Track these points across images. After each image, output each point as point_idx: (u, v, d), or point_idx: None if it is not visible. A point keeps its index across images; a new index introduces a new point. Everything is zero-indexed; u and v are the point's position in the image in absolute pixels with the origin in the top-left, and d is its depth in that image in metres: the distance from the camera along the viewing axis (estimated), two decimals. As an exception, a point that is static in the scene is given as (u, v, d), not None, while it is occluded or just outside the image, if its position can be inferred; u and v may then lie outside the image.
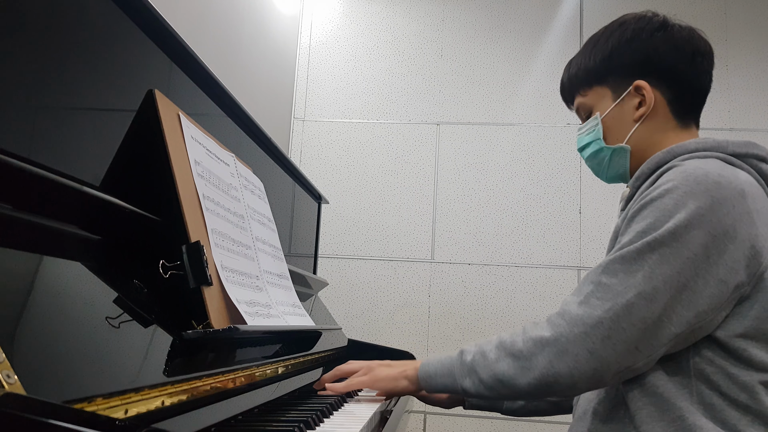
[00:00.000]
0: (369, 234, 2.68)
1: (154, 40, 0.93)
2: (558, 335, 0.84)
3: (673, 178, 0.85)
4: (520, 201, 2.65)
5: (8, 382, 0.44)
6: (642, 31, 0.99)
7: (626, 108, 1.00)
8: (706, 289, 0.81)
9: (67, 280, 0.64)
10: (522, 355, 0.87)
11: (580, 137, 1.08)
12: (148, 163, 0.87)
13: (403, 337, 2.58)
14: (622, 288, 0.82)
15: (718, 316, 0.83)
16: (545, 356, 0.85)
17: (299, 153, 2.75)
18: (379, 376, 1.04)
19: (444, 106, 2.74)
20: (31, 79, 0.69)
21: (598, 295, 0.84)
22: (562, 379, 0.84)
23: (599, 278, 0.85)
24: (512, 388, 0.88)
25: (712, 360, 0.83)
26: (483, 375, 0.91)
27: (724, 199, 0.82)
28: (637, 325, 0.81)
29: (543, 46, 2.72)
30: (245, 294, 0.94)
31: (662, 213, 0.83)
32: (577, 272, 2.58)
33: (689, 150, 0.92)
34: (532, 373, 0.86)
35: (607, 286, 0.83)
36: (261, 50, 2.33)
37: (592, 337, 0.82)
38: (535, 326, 0.89)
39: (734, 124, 2.63)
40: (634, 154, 1.01)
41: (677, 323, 0.81)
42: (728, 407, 0.82)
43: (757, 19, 2.70)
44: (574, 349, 0.83)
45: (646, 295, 0.81)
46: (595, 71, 1.02)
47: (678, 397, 0.83)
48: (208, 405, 0.74)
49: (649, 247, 0.82)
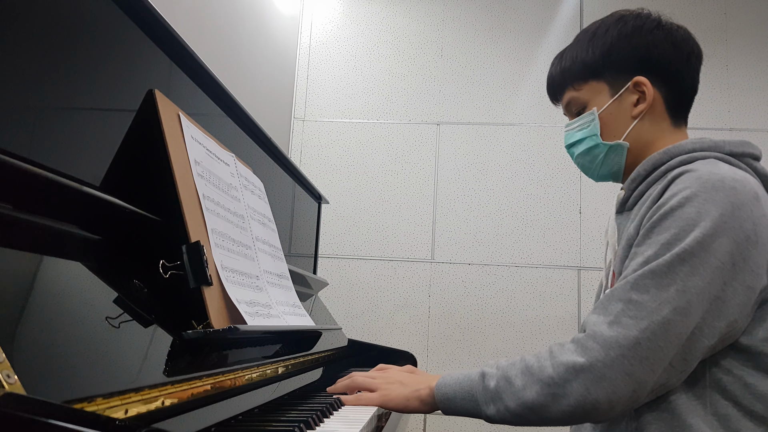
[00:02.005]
0: (369, 234, 2.68)
1: (154, 40, 0.93)
2: (593, 360, 0.80)
3: (690, 185, 0.83)
4: (520, 201, 2.65)
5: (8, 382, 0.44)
6: (642, 27, 0.98)
7: (624, 104, 0.99)
8: (735, 297, 0.79)
9: (67, 280, 0.64)
10: (553, 381, 0.82)
11: (571, 133, 1.05)
12: (148, 163, 0.86)
13: (403, 337, 2.58)
14: (656, 305, 0.79)
15: (744, 323, 0.81)
16: (581, 383, 0.80)
17: (299, 153, 2.75)
18: (390, 396, 0.98)
19: (444, 106, 2.74)
20: (32, 79, 0.69)
21: (630, 314, 0.80)
22: (600, 405, 0.80)
23: (629, 295, 0.81)
24: (543, 416, 0.83)
25: (730, 369, 0.82)
26: (510, 403, 0.85)
27: (742, 204, 0.81)
28: (673, 341, 0.78)
29: (543, 46, 2.72)
30: (245, 294, 0.94)
31: (686, 222, 0.80)
32: (577, 272, 2.58)
33: (686, 150, 0.91)
34: (566, 400, 0.81)
35: (640, 304, 0.80)
36: (261, 50, 2.33)
37: (630, 359, 0.78)
38: (563, 349, 0.84)
39: (734, 124, 2.63)
40: (629, 152, 1.00)
41: (710, 335, 0.79)
42: (743, 418, 0.81)
43: (757, 19, 2.70)
44: (611, 374, 0.79)
45: (681, 310, 0.78)
46: (592, 65, 1.00)
47: (690, 411, 0.82)
48: (208, 405, 0.74)
49: (679, 259, 0.79)
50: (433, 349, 2.58)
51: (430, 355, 2.57)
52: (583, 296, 2.57)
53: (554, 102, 1.10)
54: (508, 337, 2.57)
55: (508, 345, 2.56)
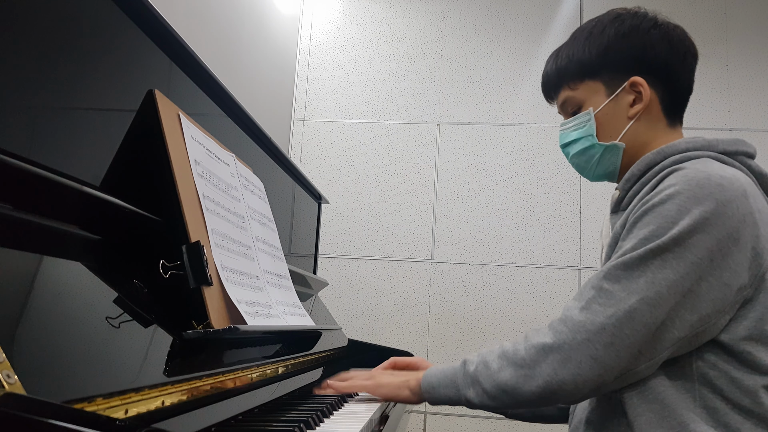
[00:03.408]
0: (369, 234, 2.68)
1: (154, 40, 0.93)
2: (561, 342, 0.84)
3: (675, 182, 0.84)
4: (520, 201, 2.65)
5: (8, 382, 0.44)
6: (639, 26, 0.97)
7: (620, 104, 0.98)
8: (710, 292, 0.80)
9: (67, 280, 0.64)
10: (525, 363, 0.86)
11: (566, 133, 1.04)
12: (148, 163, 0.86)
13: (403, 337, 2.58)
14: (625, 294, 0.82)
15: (721, 319, 0.82)
16: (549, 364, 0.84)
17: (299, 153, 2.75)
18: (381, 383, 1.03)
19: (444, 106, 2.74)
20: (32, 79, 0.69)
21: (600, 301, 0.83)
22: (566, 386, 0.83)
23: (601, 284, 0.84)
24: (516, 397, 0.87)
25: (716, 364, 0.83)
26: (486, 385, 0.89)
27: (728, 201, 0.81)
28: (640, 330, 0.80)
29: (543, 46, 2.72)
30: (245, 294, 0.94)
31: (665, 219, 0.82)
32: (577, 272, 2.58)
33: (680, 150, 0.91)
34: (535, 381, 0.85)
35: (609, 292, 0.83)
36: (261, 50, 2.33)
37: (595, 343, 0.81)
38: (537, 333, 0.88)
39: (734, 124, 2.63)
40: (625, 152, 0.99)
41: (680, 327, 0.81)
42: (731, 411, 0.81)
43: (757, 19, 2.70)
44: (577, 356, 0.82)
45: (649, 300, 0.80)
46: (589, 64, 0.99)
47: (679, 403, 0.82)
48: (208, 405, 0.74)
49: (652, 254, 0.81)
50: (433, 349, 2.58)
51: (430, 355, 2.57)
52: (583, 296, 2.56)
53: (549, 100, 1.09)
54: (508, 337, 2.57)
55: (508, 345, 2.56)
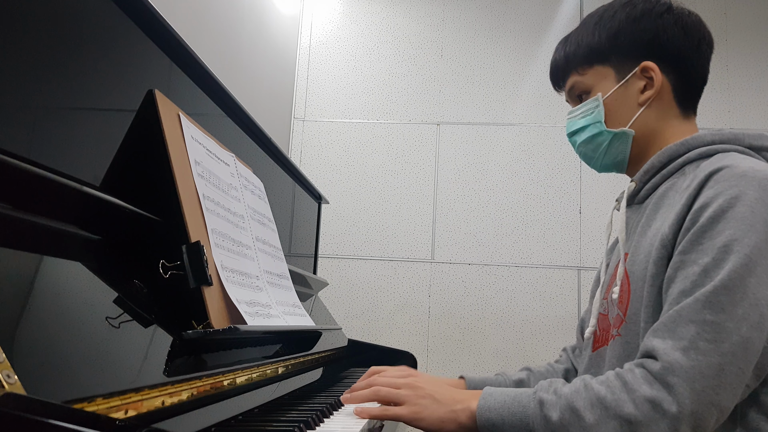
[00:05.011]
0: (369, 234, 2.68)
1: (154, 40, 0.93)
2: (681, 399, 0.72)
3: (735, 183, 0.78)
4: (520, 201, 2.65)
5: (8, 382, 0.44)
6: (651, 10, 0.94)
7: (630, 90, 0.95)
8: None
9: (67, 280, 0.64)
10: (636, 420, 0.73)
11: (573, 120, 1.00)
12: (148, 163, 0.86)
13: (403, 337, 2.58)
14: (733, 324, 0.72)
15: None
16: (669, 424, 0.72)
17: (299, 153, 2.75)
18: (422, 414, 0.84)
19: (444, 106, 2.74)
20: (32, 79, 0.69)
21: (707, 337, 0.73)
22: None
23: (703, 316, 0.73)
24: None
25: None
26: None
27: None
28: (752, 360, 0.73)
29: (543, 46, 2.72)
30: (245, 294, 0.94)
31: (742, 223, 0.75)
32: (577, 272, 2.58)
33: (705, 142, 0.88)
34: None
35: (716, 324, 0.73)
36: (261, 50, 2.33)
37: (715, 389, 0.72)
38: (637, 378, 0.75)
39: (734, 124, 2.63)
40: (635, 141, 0.96)
41: None
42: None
43: (757, 19, 2.70)
44: (699, 408, 0.72)
45: (755, 324, 0.73)
46: (598, 49, 0.96)
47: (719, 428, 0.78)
48: (208, 405, 0.74)
49: (747, 270, 0.74)
50: (433, 349, 2.58)
51: (430, 355, 2.57)
52: (583, 296, 2.57)
53: (557, 88, 1.05)
54: (508, 337, 2.57)
55: (509, 345, 2.56)
